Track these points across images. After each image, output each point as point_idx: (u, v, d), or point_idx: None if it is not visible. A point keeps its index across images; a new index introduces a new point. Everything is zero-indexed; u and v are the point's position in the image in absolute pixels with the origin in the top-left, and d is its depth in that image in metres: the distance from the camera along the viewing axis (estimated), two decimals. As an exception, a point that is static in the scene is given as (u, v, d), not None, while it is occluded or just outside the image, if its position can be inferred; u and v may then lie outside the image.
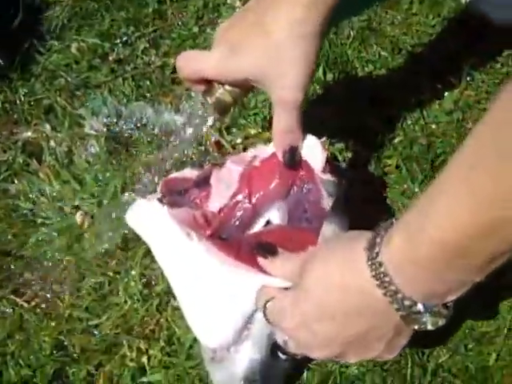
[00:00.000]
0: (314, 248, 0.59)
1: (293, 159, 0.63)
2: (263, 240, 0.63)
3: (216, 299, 0.63)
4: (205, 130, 0.68)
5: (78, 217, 0.87)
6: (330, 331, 0.53)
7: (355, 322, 0.51)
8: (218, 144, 0.92)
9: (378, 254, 0.47)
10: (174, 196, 0.74)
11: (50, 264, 0.84)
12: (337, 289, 0.51)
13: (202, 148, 0.91)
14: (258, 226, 0.68)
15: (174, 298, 0.78)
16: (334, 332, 0.53)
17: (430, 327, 0.49)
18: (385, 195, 0.88)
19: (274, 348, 0.66)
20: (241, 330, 0.64)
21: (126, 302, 0.80)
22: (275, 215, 0.68)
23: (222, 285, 0.63)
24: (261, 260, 0.60)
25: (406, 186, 0.88)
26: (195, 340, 0.75)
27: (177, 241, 0.66)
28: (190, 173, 0.78)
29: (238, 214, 0.69)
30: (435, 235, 0.42)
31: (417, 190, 0.87)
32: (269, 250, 0.60)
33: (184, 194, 0.75)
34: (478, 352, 0.73)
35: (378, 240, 0.48)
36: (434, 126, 0.92)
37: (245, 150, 0.92)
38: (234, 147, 0.92)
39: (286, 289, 0.59)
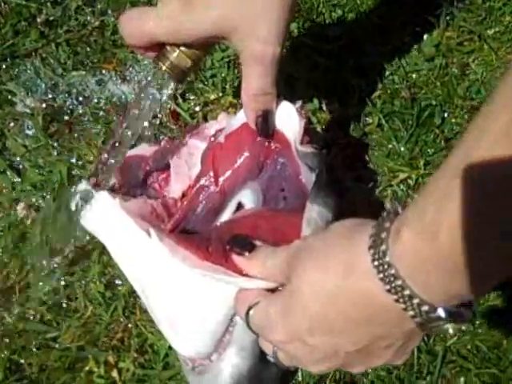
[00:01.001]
0: (300, 239, 0.49)
1: (267, 126, 0.54)
2: (236, 232, 0.52)
3: (188, 304, 0.53)
4: (159, 100, 0.57)
5: (20, 211, 0.76)
6: (329, 346, 0.43)
7: (360, 333, 0.42)
8: (174, 114, 0.80)
9: (385, 252, 0.38)
10: (131, 181, 0.64)
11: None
12: (336, 297, 0.41)
13: (157, 120, 0.80)
14: (229, 213, 0.58)
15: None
16: (334, 346, 0.43)
17: (451, 331, 0.41)
18: (367, 159, 0.79)
19: (262, 351, 0.58)
20: (221, 334, 0.55)
21: (86, 307, 0.70)
22: (247, 197, 0.58)
23: (192, 289, 0.53)
24: (236, 258, 0.50)
25: (390, 146, 0.79)
26: (171, 347, 0.66)
27: (134, 241, 0.55)
28: (146, 149, 0.68)
29: (204, 200, 0.59)
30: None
31: (403, 149, 0.78)
32: (244, 245, 0.49)
33: (142, 178, 0.65)
34: (487, 329, 0.66)
35: (384, 235, 0.38)
36: (414, 76, 0.82)
37: (205, 118, 0.81)
38: (192, 116, 0.81)
39: (271, 290, 0.49)
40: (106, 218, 0.57)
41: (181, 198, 0.62)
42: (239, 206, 0.59)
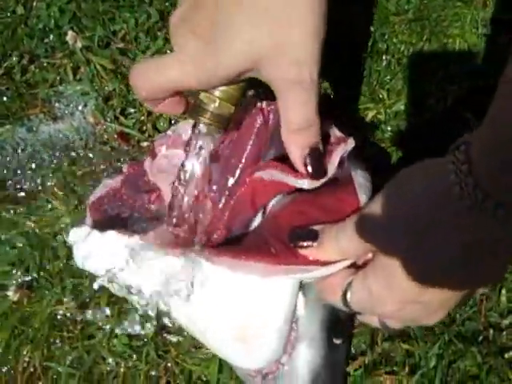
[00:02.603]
0: (365, 206, 0.46)
1: (319, 163, 0.47)
2: (287, 226, 0.48)
3: (251, 314, 0.51)
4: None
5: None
6: (441, 294, 0.41)
7: (472, 268, 0.39)
8: (121, 136, 0.75)
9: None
10: (116, 220, 0.60)
11: None
12: (435, 252, 0.39)
13: (107, 147, 0.75)
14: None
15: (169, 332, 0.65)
16: (451, 289, 0.41)
17: None
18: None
19: (330, 335, 0.56)
20: (287, 334, 0.53)
21: (118, 364, 0.65)
22: None
23: (252, 298, 0.51)
24: (306, 251, 0.46)
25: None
26: (221, 370, 0.63)
27: (176, 273, 0.52)
28: (110, 184, 0.63)
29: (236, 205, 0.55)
30: None
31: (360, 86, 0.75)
32: (307, 236, 0.46)
33: (129, 208, 0.61)
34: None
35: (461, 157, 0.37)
36: (344, 9, 0.79)
37: (154, 127, 0.76)
38: (141, 131, 0.75)
39: (355, 266, 0.47)
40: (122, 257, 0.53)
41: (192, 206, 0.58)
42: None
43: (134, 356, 0.65)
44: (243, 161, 0.53)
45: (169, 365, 0.65)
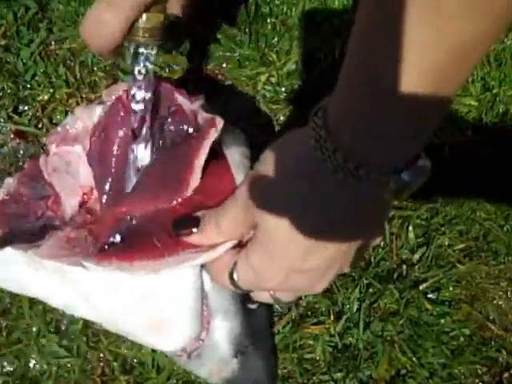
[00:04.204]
0: (241, 184, 0.45)
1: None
2: (173, 219, 0.49)
3: (159, 302, 0.52)
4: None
5: None
6: (324, 258, 0.42)
7: (346, 226, 0.41)
8: (18, 133, 0.73)
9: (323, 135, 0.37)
10: (18, 226, 0.59)
11: None
12: (315, 210, 0.40)
13: (5, 149, 0.73)
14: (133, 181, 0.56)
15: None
16: (333, 252, 0.42)
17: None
18: (223, 76, 0.76)
19: (244, 303, 0.57)
20: (200, 311, 0.54)
21: (49, 364, 0.65)
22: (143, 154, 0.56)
23: (157, 287, 0.51)
24: (189, 239, 0.48)
25: (236, 54, 0.77)
26: (154, 350, 0.64)
27: (74, 281, 0.52)
28: (11, 184, 0.62)
29: (107, 190, 0.57)
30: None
31: (248, 52, 0.76)
32: (188, 223, 0.48)
33: (26, 215, 0.60)
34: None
35: (320, 122, 0.38)
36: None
37: (51, 121, 0.74)
38: (37, 126, 0.73)
39: (238, 246, 0.48)
40: (27, 273, 0.53)
41: (84, 210, 0.58)
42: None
43: (65, 352, 0.65)
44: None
45: (101, 355, 0.65)
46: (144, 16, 0.48)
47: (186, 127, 0.55)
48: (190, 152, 0.50)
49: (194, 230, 0.47)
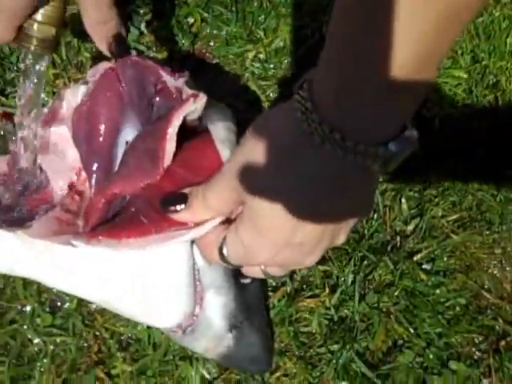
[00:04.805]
0: (227, 161, 0.46)
1: (120, 48, 0.54)
2: (160, 195, 0.49)
3: (152, 279, 0.52)
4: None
5: None
6: (313, 231, 0.42)
7: (334, 199, 0.40)
8: (5, 115, 0.72)
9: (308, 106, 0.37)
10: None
11: None
12: (301, 185, 0.40)
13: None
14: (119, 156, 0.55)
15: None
16: (321, 226, 0.42)
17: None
18: (211, 54, 0.76)
19: (236, 278, 0.57)
20: (193, 286, 0.54)
21: (45, 343, 0.65)
22: (132, 133, 0.56)
23: (150, 264, 0.52)
24: (177, 216, 0.47)
25: (223, 33, 0.77)
26: (149, 326, 0.64)
27: (67, 258, 0.52)
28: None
29: (95, 170, 0.56)
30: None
31: (235, 29, 0.76)
32: (176, 200, 0.48)
33: (15, 197, 0.60)
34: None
35: (304, 95, 0.38)
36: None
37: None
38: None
39: (227, 222, 0.48)
40: (17, 253, 0.53)
41: (73, 192, 0.58)
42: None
43: (61, 331, 0.65)
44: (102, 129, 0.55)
45: (97, 333, 0.65)
46: (35, 26, 0.49)
47: (171, 104, 0.55)
48: (166, 124, 0.50)
49: (182, 206, 0.47)
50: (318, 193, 0.40)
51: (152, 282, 0.52)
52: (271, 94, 0.76)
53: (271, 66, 0.77)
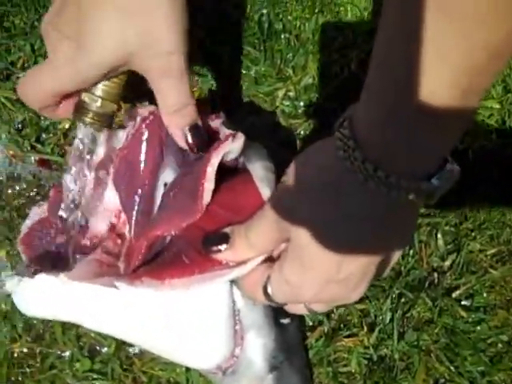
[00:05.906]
0: (269, 200, 0.47)
1: (198, 139, 0.51)
2: (201, 235, 0.49)
3: (192, 320, 0.52)
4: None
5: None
6: (359, 266, 0.42)
7: (379, 233, 0.41)
8: (42, 162, 0.74)
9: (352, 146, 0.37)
10: (45, 252, 0.60)
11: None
12: (346, 222, 0.40)
13: (31, 178, 0.74)
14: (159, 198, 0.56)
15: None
16: (365, 262, 0.42)
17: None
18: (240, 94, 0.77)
19: (276, 318, 0.57)
20: (233, 327, 0.54)
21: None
22: (169, 176, 0.56)
23: (190, 305, 0.52)
24: (219, 256, 0.48)
25: (252, 72, 0.77)
26: (188, 369, 0.64)
27: (108, 300, 0.53)
28: (37, 212, 0.63)
29: (135, 212, 0.57)
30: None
31: (264, 68, 0.77)
32: (218, 240, 0.48)
33: (55, 242, 0.60)
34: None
35: (347, 133, 0.38)
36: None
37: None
38: (61, 155, 0.74)
39: (270, 260, 0.48)
40: (59, 297, 0.54)
41: (114, 234, 0.58)
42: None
43: (100, 376, 0.65)
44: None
45: (136, 377, 0.65)
46: (99, 101, 0.49)
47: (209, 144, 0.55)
48: (205, 163, 0.50)
49: (224, 245, 0.47)
50: (366, 228, 0.40)
51: (192, 323, 0.52)
52: (302, 132, 0.76)
53: (301, 103, 0.77)
